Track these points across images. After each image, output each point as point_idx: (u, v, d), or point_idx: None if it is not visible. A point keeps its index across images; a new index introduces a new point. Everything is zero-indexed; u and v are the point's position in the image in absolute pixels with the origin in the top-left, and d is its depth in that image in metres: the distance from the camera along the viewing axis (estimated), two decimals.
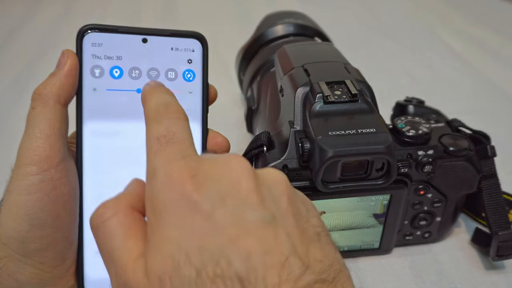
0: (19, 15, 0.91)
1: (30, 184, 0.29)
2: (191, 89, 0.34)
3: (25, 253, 0.29)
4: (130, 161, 0.32)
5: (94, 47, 0.32)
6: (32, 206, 0.29)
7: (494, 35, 0.85)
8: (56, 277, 0.31)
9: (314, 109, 0.31)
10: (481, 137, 0.36)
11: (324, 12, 0.93)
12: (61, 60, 0.31)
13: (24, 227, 0.29)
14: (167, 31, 0.33)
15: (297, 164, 0.32)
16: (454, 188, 0.36)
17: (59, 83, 0.30)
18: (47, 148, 0.29)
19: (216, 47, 0.80)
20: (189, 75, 0.34)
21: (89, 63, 0.32)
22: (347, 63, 0.37)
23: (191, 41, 0.34)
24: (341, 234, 0.36)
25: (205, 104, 0.34)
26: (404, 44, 0.82)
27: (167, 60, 0.33)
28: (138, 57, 0.33)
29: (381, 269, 0.38)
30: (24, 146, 0.29)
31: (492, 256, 0.36)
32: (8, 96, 0.63)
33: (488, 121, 0.58)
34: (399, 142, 0.34)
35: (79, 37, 0.32)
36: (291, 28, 0.51)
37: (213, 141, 0.34)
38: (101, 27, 0.32)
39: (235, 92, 0.63)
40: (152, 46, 0.33)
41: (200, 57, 0.34)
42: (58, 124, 0.30)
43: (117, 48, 0.32)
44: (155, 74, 0.33)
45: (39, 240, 0.29)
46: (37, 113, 0.30)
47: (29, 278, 0.30)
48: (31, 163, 0.29)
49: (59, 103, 0.30)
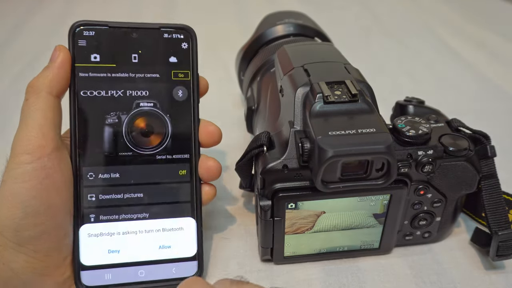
0: (19, 15, 0.91)
1: (23, 172, 0.29)
2: (182, 80, 0.35)
3: (19, 241, 0.30)
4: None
5: (85, 42, 0.33)
6: (26, 194, 0.29)
7: (494, 35, 0.85)
8: (51, 266, 0.32)
9: (314, 109, 0.31)
10: (481, 137, 0.36)
11: (324, 12, 0.93)
12: (53, 54, 0.32)
13: (18, 214, 0.29)
14: (156, 25, 0.35)
15: (297, 164, 0.32)
16: (454, 188, 0.36)
17: (51, 76, 0.31)
18: (40, 137, 0.30)
19: (216, 47, 0.80)
20: (179, 67, 0.35)
21: (81, 56, 0.33)
22: (347, 63, 0.37)
23: (179, 33, 0.35)
24: (341, 234, 0.36)
25: (196, 95, 0.35)
26: (404, 44, 0.82)
27: (157, 53, 0.34)
28: (128, 50, 0.34)
29: (381, 269, 0.38)
30: (18, 136, 0.30)
31: (491, 256, 0.36)
32: (8, 96, 0.63)
33: (488, 121, 0.58)
34: (399, 142, 0.34)
35: (71, 32, 0.33)
36: (291, 28, 0.51)
37: (205, 130, 0.36)
38: (92, 22, 0.33)
39: (235, 92, 0.63)
40: (142, 39, 0.34)
41: (189, 49, 0.35)
42: (50, 115, 0.31)
43: (108, 42, 0.34)
44: (145, 66, 0.34)
45: (32, 227, 0.30)
46: (30, 104, 0.31)
47: (23, 267, 0.30)
48: (25, 152, 0.29)
49: (52, 95, 0.31)
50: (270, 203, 0.33)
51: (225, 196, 0.46)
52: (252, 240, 0.40)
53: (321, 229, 0.36)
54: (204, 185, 0.36)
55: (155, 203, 0.35)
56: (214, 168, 0.35)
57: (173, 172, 0.35)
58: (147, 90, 0.34)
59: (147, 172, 0.34)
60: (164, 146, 0.35)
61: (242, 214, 0.43)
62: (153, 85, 0.34)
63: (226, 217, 0.43)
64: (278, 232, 0.35)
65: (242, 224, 0.42)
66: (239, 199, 0.45)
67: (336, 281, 0.36)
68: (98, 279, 0.33)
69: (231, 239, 0.41)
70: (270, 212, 0.34)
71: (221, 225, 0.42)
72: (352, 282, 0.36)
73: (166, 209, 0.35)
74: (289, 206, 0.34)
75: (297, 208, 0.34)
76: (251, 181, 0.39)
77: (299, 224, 0.35)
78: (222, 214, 0.44)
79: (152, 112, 0.34)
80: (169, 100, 0.35)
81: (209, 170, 0.35)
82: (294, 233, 0.36)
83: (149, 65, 0.34)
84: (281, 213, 0.34)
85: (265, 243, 0.36)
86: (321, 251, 0.37)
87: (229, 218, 0.43)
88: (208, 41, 0.82)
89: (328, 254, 0.38)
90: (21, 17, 0.91)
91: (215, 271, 0.37)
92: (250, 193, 0.46)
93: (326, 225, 0.35)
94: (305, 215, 0.34)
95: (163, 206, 0.35)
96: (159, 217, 0.35)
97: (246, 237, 0.41)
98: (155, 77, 0.34)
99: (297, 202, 0.33)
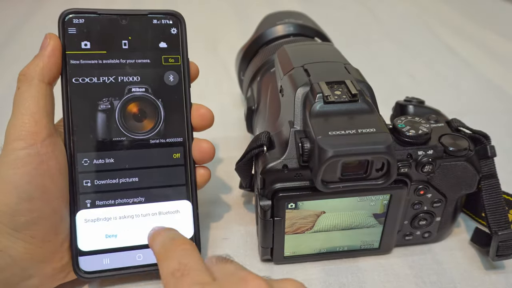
0: (19, 15, 0.91)
1: (17, 158, 0.29)
2: (172, 65, 0.35)
3: (16, 227, 0.30)
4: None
5: (75, 29, 0.34)
6: (20, 179, 0.29)
7: (494, 35, 0.85)
8: (49, 252, 0.32)
9: (314, 109, 0.31)
10: (481, 137, 0.36)
11: (324, 12, 0.93)
12: (43, 43, 0.33)
13: (13, 200, 0.29)
14: (145, 11, 0.35)
15: (297, 164, 0.32)
16: (454, 188, 0.36)
17: (42, 64, 0.32)
18: (32, 124, 0.30)
19: (216, 47, 0.80)
20: (169, 52, 0.35)
21: (72, 44, 0.33)
22: (347, 63, 0.37)
23: (168, 19, 0.35)
24: (341, 234, 0.36)
25: (187, 79, 0.36)
26: (404, 44, 0.82)
27: (147, 38, 0.35)
28: (118, 36, 0.34)
29: (381, 269, 0.38)
30: (10, 124, 0.30)
31: (491, 256, 0.36)
32: (8, 96, 0.63)
33: (488, 121, 0.58)
34: (399, 142, 0.34)
35: (60, 20, 0.33)
36: (291, 28, 0.51)
37: (197, 113, 0.36)
38: (82, 10, 0.34)
39: (235, 92, 0.63)
40: (131, 26, 0.35)
41: (178, 34, 0.36)
42: (43, 102, 0.31)
43: (98, 29, 0.34)
44: (136, 52, 0.35)
45: (28, 213, 0.30)
46: (22, 92, 0.31)
47: (21, 253, 0.30)
48: (17, 138, 0.30)
49: (43, 82, 0.31)
50: (270, 203, 0.33)
51: (225, 196, 0.46)
52: (252, 240, 0.40)
53: (321, 229, 0.36)
54: (199, 168, 0.36)
55: (150, 187, 0.35)
56: (208, 149, 0.36)
57: (167, 156, 0.35)
58: (138, 76, 0.35)
59: (142, 157, 0.35)
60: (157, 130, 0.35)
61: (242, 214, 0.43)
62: (144, 70, 0.35)
63: (226, 217, 0.43)
64: (278, 232, 0.35)
65: (242, 224, 0.42)
66: (239, 199, 0.45)
67: (336, 281, 0.36)
68: (96, 264, 0.34)
69: (231, 239, 0.41)
70: (270, 212, 0.34)
71: (221, 225, 0.42)
72: (352, 282, 0.36)
73: (162, 193, 0.35)
74: (289, 206, 0.34)
75: (297, 208, 0.34)
76: (251, 181, 0.39)
77: (299, 224, 0.35)
78: (222, 214, 0.44)
79: (144, 97, 0.35)
80: (160, 85, 0.35)
81: (202, 152, 0.35)
82: (294, 233, 0.36)
83: (140, 50, 0.35)
84: (281, 213, 0.34)
85: (265, 243, 0.36)
86: (321, 251, 0.37)
87: (229, 218, 0.43)
88: (208, 41, 0.82)
89: (328, 254, 0.38)
90: (21, 17, 0.91)
91: None
92: (250, 193, 0.46)
93: (326, 225, 0.35)
94: (305, 215, 0.34)
95: (159, 189, 0.35)
96: (155, 201, 0.35)
97: (246, 237, 0.41)
98: (146, 63, 0.35)
99: (297, 202, 0.33)
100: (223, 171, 0.49)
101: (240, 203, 0.45)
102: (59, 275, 0.33)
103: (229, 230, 0.42)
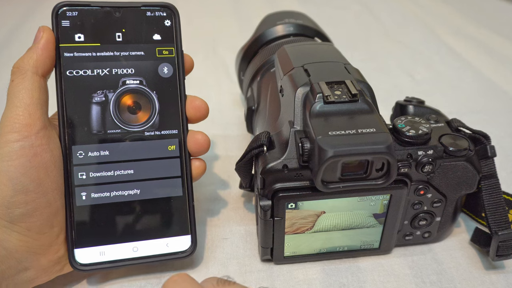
0: (19, 15, 0.91)
1: (11, 151, 0.30)
2: (167, 57, 0.35)
3: (11, 219, 0.30)
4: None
5: (69, 22, 0.33)
6: (14, 172, 0.30)
7: (494, 35, 0.85)
8: (45, 245, 0.32)
9: (314, 109, 0.31)
10: (481, 137, 0.36)
11: (324, 12, 0.93)
12: (37, 35, 0.32)
13: (8, 192, 0.29)
14: (138, 3, 0.35)
15: (297, 164, 0.32)
16: (454, 188, 0.36)
17: (35, 56, 0.32)
18: (26, 116, 0.30)
19: (216, 47, 0.80)
20: (163, 44, 0.36)
21: (66, 37, 0.33)
22: (347, 63, 0.37)
23: (162, 11, 0.35)
24: (341, 234, 0.36)
25: (182, 71, 0.36)
26: (404, 44, 0.82)
27: (141, 31, 0.35)
28: (112, 28, 0.34)
29: (381, 269, 0.38)
30: (4, 117, 0.30)
31: (491, 256, 0.36)
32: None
33: (488, 121, 0.58)
34: (399, 142, 0.34)
35: (54, 13, 0.33)
36: (291, 28, 0.51)
37: (192, 105, 0.36)
38: (75, 3, 0.34)
39: (235, 92, 0.63)
40: (125, 18, 0.35)
41: (172, 26, 0.36)
42: (36, 94, 0.31)
43: (91, 21, 0.34)
44: (130, 44, 0.35)
45: (23, 205, 0.30)
46: (16, 85, 0.31)
47: (17, 246, 0.30)
48: (11, 130, 0.30)
49: (37, 75, 0.31)
50: (270, 203, 0.33)
51: (225, 196, 0.46)
52: (252, 240, 0.40)
53: (321, 229, 0.36)
54: (194, 160, 0.37)
55: (146, 179, 0.35)
56: (203, 141, 0.36)
57: (162, 148, 0.35)
58: (132, 68, 0.35)
59: (137, 149, 0.35)
60: (152, 122, 0.35)
61: (242, 214, 0.43)
62: (139, 62, 0.35)
63: (226, 217, 0.43)
64: (278, 232, 0.35)
65: (242, 224, 0.42)
66: (239, 199, 0.45)
67: (336, 281, 0.36)
68: (92, 257, 0.34)
69: (231, 239, 0.41)
70: (270, 212, 0.34)
71: (221, 225, 0.42)
72: (352, 282, 0.36)
73: (157, 185, 0.35)
74: (289, 206, 0.34)
75: (297, 208, 0.34)
76: (251, 181, 0.39)
77: (299, 224, 0.35)
78: (222, 214, 0.44)
79: (138, 89, 0.35)
80: (155, 77, 0.35)
81: (197, 143, 0.35)
82: (294, 233, 0.36)
83: (133, 43, 0.35)
84: (281, 213, 0.34)
85: (265, 243, 0.36)
86: (321, 251, 0.37)
87: (229, 218, 0.43)
88: (208, 41, 0.82)
89: (328, 254, 0.38)
90: (21, 17, 0.91)
91: (215, 271, 0.37)
92: (250, 193, 0.46)
93: (326, 225, 0.35)
94: (305, 215, 0.34)
95: (154, 182, 0.35)
96: (150, 193, 0.35)
97: (246, 237, 0.41)
98: (140, 55, 0.35)
99: (297, 202, 0.33)
100: (223, 171, 0.49)
101: (240, 203, 0.45)
102: (55, 268, 0.33)
103: (229, 230, 0.42)
